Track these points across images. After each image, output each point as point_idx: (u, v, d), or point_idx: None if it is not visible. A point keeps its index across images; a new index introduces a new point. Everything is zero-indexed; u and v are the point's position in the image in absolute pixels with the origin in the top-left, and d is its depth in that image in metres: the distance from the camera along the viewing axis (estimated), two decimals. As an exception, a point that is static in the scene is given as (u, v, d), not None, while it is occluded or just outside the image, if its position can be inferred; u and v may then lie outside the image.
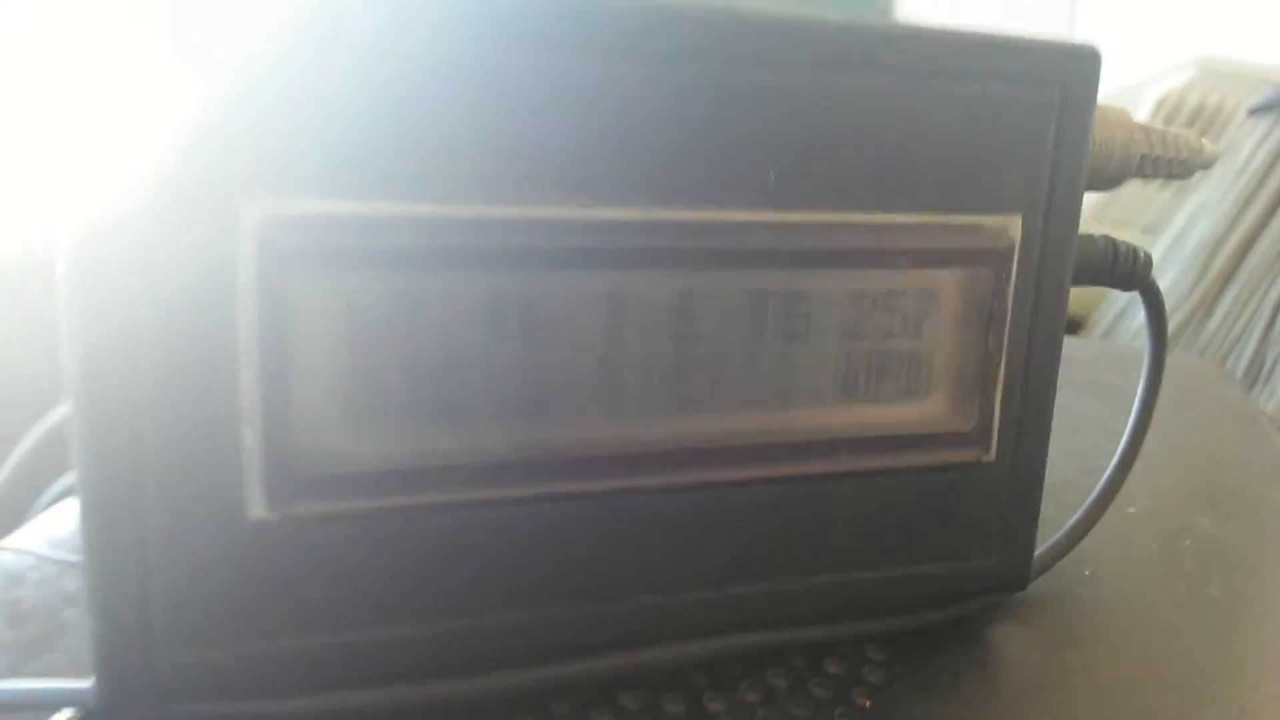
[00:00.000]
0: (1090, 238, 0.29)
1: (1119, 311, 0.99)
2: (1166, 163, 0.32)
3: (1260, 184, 1.01)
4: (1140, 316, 0.97)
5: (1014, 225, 0.26)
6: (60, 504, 0.49)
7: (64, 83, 0.19)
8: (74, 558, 0.42)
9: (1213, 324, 0.96)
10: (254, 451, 0.21)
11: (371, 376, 0.22)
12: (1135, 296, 0.32)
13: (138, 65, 0.19)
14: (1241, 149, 1.05)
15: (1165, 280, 1.02)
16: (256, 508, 0.21)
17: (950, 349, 0.27)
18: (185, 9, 0.19)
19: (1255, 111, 1.06)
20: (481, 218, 0.22)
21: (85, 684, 0.23)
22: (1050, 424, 0.28)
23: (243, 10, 0.20)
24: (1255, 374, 0.90)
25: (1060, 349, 0.28)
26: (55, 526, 0.42)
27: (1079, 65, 0.26)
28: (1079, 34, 0.27)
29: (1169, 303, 0.98)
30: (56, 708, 0.23)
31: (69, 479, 0.51)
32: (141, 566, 0.21)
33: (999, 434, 0.27)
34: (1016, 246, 0.26)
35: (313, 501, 0.22)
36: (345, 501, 0.22)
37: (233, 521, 0.21)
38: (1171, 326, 0.98)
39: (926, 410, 0.27)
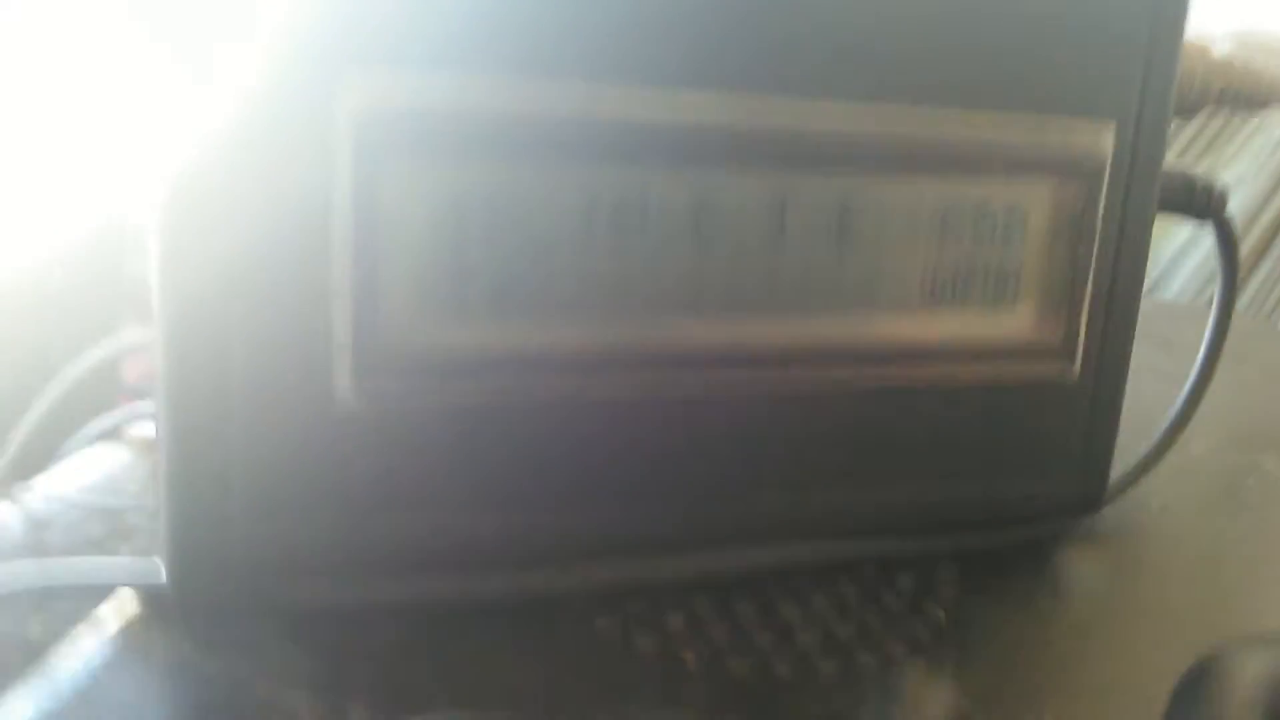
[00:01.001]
0: (1167, 169, 0.29)
1: (1160, 273, 0.98)
2: (1245, 97, 0.31)
3: (1295, 159, 1.01)
4: (1180, 277, 0.96)
5: (1107, 134, 0.26)
6: (86, 450, 0.49)
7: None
8: (100, 502, 0.41)
9: (1246, 298, 0.95)
10: (343, 331, 0.21)
11: (461, 264, 0.21)
12: (1175, 257, 0.32)
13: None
14: (1275, 127, 1.04)
15: (1197, 258, 1.01)
16: (342, 387, 0.21)
17: (1039, 262, 0.26)
18: None
19: (1293, 86, 1.05)
20: (574, 104, 0.21)
21: (154, 563, 0.22)
22: (1132, 346, 0.28)
23: None
24: (1289, 345, 0.90)
25: (1145, 270, 0.28)
26: (82, 473, 0.42)
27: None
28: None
29: (1201, 279, 0.98)
30: (125, 584, 0.23)
31: (94, 426, 0.51)
32: (223, 439, 0.21)
33: (1084, 351, 0.27)
34: (1109, 158, 0.26)
35: (398, 384, 0.21)
36: (429, 386, 0.21)
37: (318, 399, 0.21)
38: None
39: (1013, 322, 0.26)
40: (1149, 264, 0.82)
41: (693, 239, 0.23)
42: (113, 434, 0.50)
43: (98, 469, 0.43)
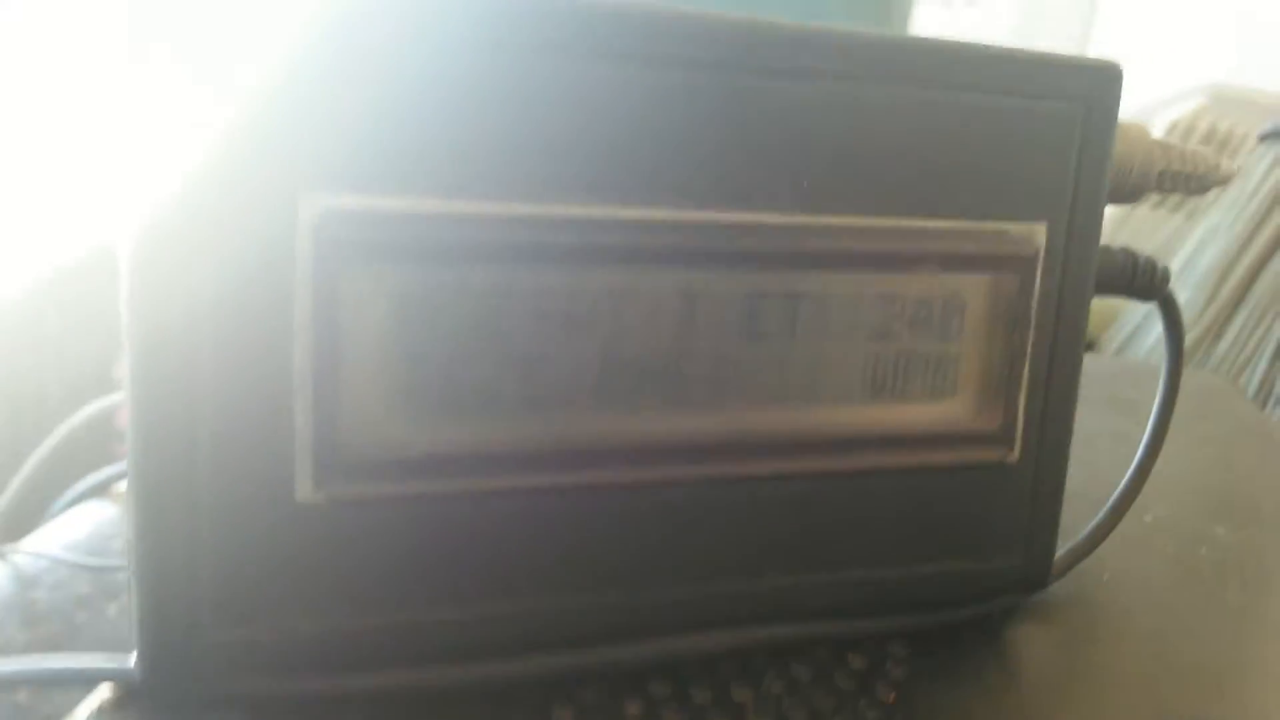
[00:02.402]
0: (1110, 249, 0.30)
1: (1131, 331, 1.00)
2: (1185, 178, 0.32)
3: (1270, 209, 1.02)
4: (1152, 336, 0.97)
5: (1039, 233, 0.27)
6: (75, 508, 0.50)
7: (124, 83, 0.20)
8: (88, 561, 0.42)
9: (1223, 346, 0.96)
10: (304, 434, 0.22)
11: (418, 366, 0.22)
12: (1148, 315, 0.33)
13: (197, 66, 0.20)
14: (1252, 175, 1.06)
15: (1175, 303, 1.02)
16: (304, 489, 0.22)
17: (976, 351, 0.27)
18: (241, 11, 0.20)
19: (1265, 138, 1.07)
20: (525, 216, 0.22)
21: (127, 659, 0.23)
22: (1072, 427, 0.29)
23: (298, 13, 0.20)
24: (1265, 396, 0.91)
25: (1082, 354, 0.29)
26: (70, 530, 0.42)
27: (1101, 81, 0.27)
28: (1092, 56, 0.28)
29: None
30: (97, 683, 0.24)
31: (84, 484, 0.52)
32: (190, 543, 0.22)
33: (1023, 435, 0.28)
34: (1041, 253, 0.27)
35: (358, 484, 0.22)
36: (389, 485, 0.22)
37: (281, 502, 0.22)
38: (1182, 348, 0.98)
39: (953, 410, 0.27)
40: (1121, 321, 0.83)
41: (639, 338, 0.24)
42: (102, 490, 0.51)
43: (86, 526, 0.44)
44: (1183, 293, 1.04)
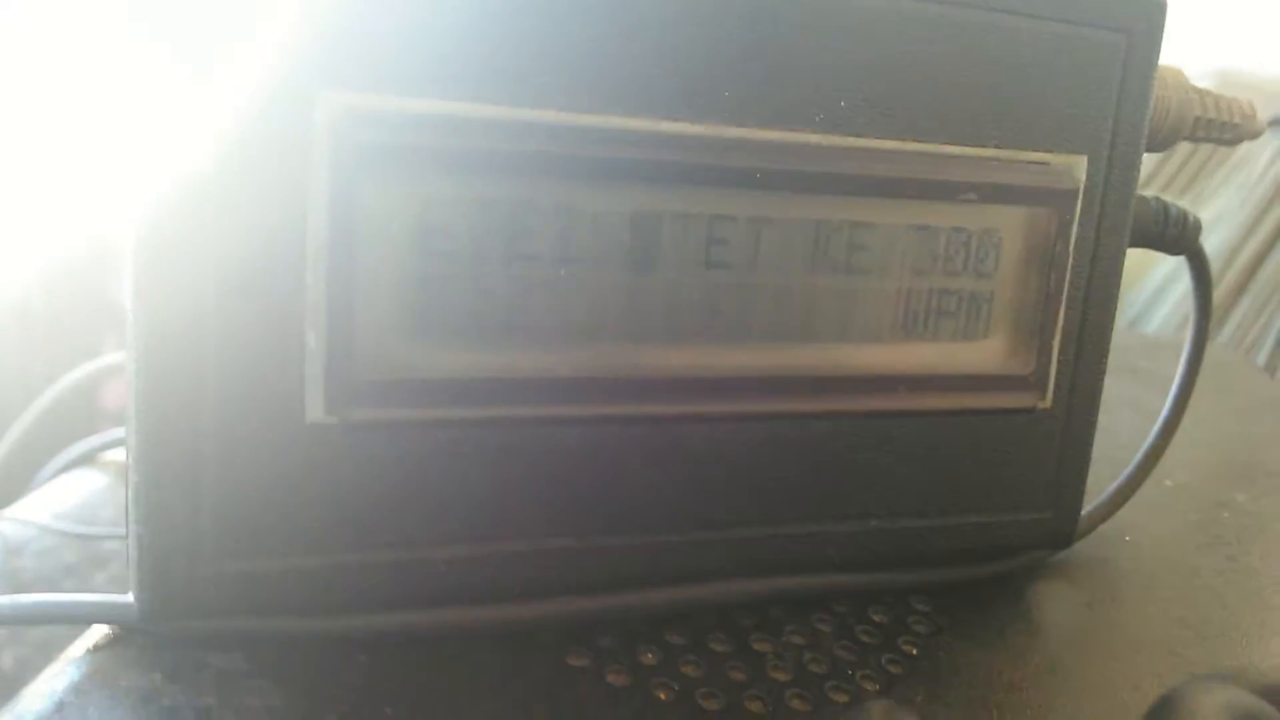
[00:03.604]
0: (1143, 198, 0.29)
1: (1138, 312, 0.99)
2: (1220, 126, 0.32)
3: (1276, 195, 1.02)
4: (1159, 316, 0.96)
5: (1079, 166, 0.26)
6: (62, 477, 0.49)
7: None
8: (74, 529, 0.41)
9: (1227, 331, 0.96)
10: (316, 354, 0.21)
11: (437, 283, 0.21)
12: (1155, 294, 0.32)
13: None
14: (1258, 160, 1.05)
15: (1179, 291, 1.02)
16: (315, 411, 0.21)
17: (1012, 291, 0.26)
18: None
19: (1273, 123, 1.06)
20: (552, 126, 0.21)
21: (124, 598, 0.22)
22: (1104, 376, 0.28)
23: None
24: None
25: (1117, 301, 0.28)
26: (57, 499, 0.41)
27: (1145, 12, 0.26)
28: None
29: (1183, 312, 0.98)
30: (96, 621, 0.23)
31: (70, 452, 0.51)
32: (194, 470, 0.21)
33: (1055, 381, 0.27)
34: (1081, 188, 0.26)
35: (371, 407, 0.21)
36: (404, 409, 0.21)
37: (290, 425, 0.21)
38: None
39: (985, 352, 0.26)
40: (1130, 297, 0.83)
41: (666, 264, 0.23)
42: (88, 460, 0.50)
43: (73, 495, 0.43)
44: (1186, 280, 1.03)
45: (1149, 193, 0.30)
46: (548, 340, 0.22)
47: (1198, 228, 0.31)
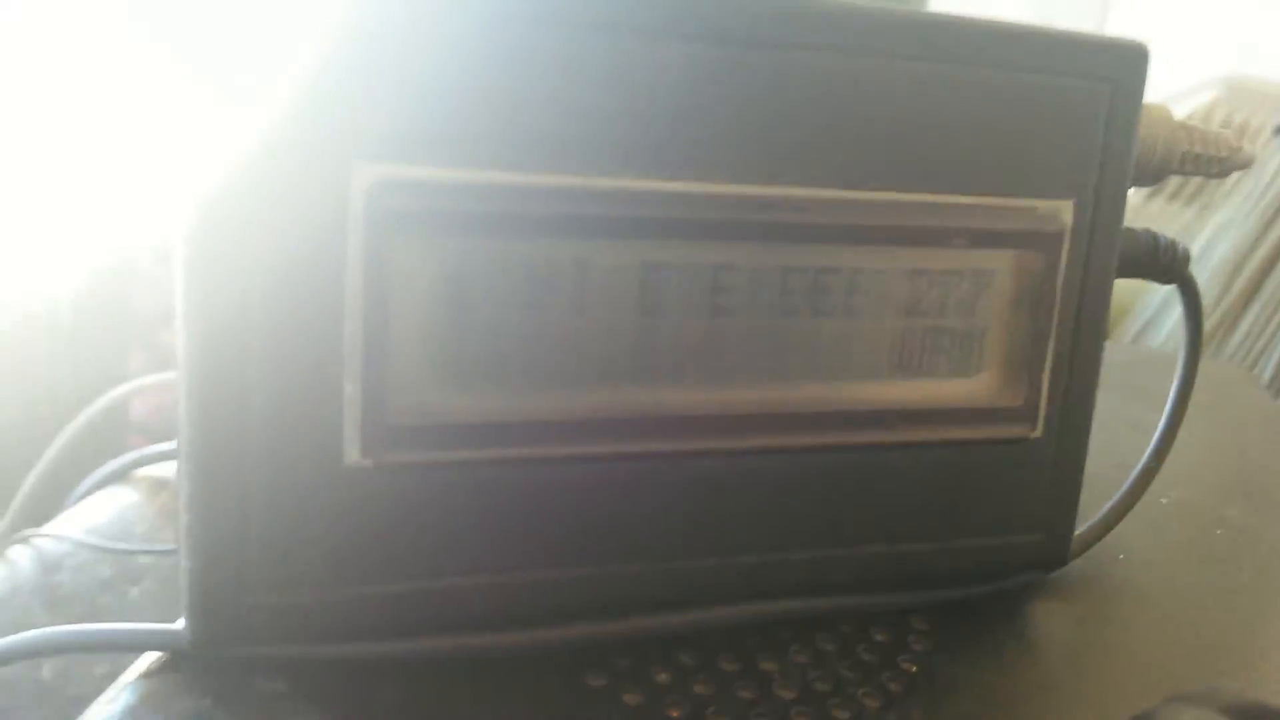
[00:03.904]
0: (1132, 230, 0.30)
1: (1145, 322, 1.00)
2: (1207, 160, 0.33)
3: (1284, 203, 1.02)
4: (1166, 327, 0.97)
5: (1066, 210, 0.27)
6: (96, 494, 0.51)
7: (181, 51, 0.21)
8: (110, 544, 0.43)
9: (1236, 339, 0.96)
10: (353, 401, 0.22)
11: (464, 335, 0.23)
12: (1162, 306, 0.33)
13: (256, 34, 0.21)
14: (1265, 168, 1.06)
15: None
16: (352, 454, 0.23)
17: (1002, 328, 0.28)
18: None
19: (1279, 131, 1.07)
20: (568, 189, 0.23)
21: (176, 625, 0.24)
22: (1093, 406, 0.29)
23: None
24: (1277, 389, 0.91)
25: (1105, 333, 0.29)
26: (92, 515, 0.43)
27: (1129, 61, 0.28)
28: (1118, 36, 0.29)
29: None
30: (147, 649, 0.25)
31: (103, 470, 0.53)
32: (241, 509, 0.22)
33: (1045, 412, 0.28)
34: (1068, 231, 0.27)
35: (404, 451, 0.23)
36: (434, 452, 0.23)
37: (329, 467, 0.23)
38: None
39: (977, 386, 0.28)
40: (1137, 309, 0.83)
41: (674, 311, 0.25)
42: (121, 476, 0.51)
43: (107, 511, 0.44)
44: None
45: (1150, 208, 0.31)
46: (565, 384, 0.24)
47: (1186, 257, 0.32)
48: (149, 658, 0.25)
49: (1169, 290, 1.00)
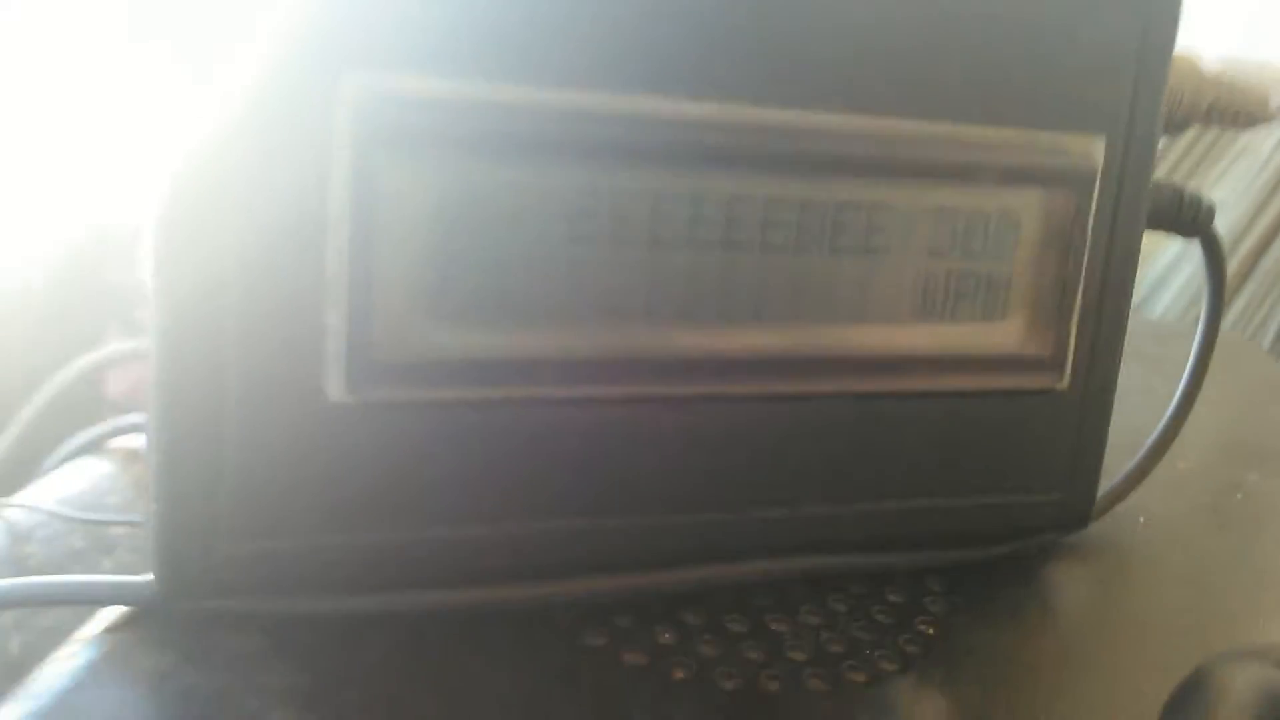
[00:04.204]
0: (1158, 183, 0.29)
1: (1141, 298, 0.99)
2: (1234, 114, 0.31)
3: (1279, 183, 1.01)
4: (1162, 303, 0.96)
5: (1098, 148, 0.26)
6: (69, 464, 0.49)
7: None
8: (82, 515, 0.41)
9: (1230, 318, 0.96)
10: (336, 333, 0.21)
11: (457, 264, 0.21)
12: (1160, 279, 0.32)
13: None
14: (1261, 149, 1.05)
15: (1184, 276, 1.02)
16: (335, 390, 0.21)
17: (1030, 273, 0.26)
18: None
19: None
20: (573, 108, 0.21)
21: (142, 578, 0.22)
22: (1120, 358, 0.28)
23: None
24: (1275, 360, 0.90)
25: (1134, 283, 0.28)
26: (64, 486, 0.41)
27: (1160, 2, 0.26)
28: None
29: (1188, 297, 0.98)
30: (111, 602, 0.23)
31: (76, 440, 0.51)
32: (214, 449, 0.21)
33: (1072, 363, 0.27)
34: (1099, 170, 0.26)
35: (392, 388, 0.21)
36: (424, 390, 0.21)
37: (310, 403, 0.21)
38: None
39: (1003, 334, 0.26)
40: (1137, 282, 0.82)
41: (685, 245, 0.23)
42: (95, 447, 0.50)
43: (80, 482, 0.43)
44: (1190, 264, 1.03)
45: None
46: (566, 320, 0.22)
47: (1211, 211, 0.31)
48: (114, 612, 0.23)
49: (1164, 266, 0.99)
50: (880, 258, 0.25)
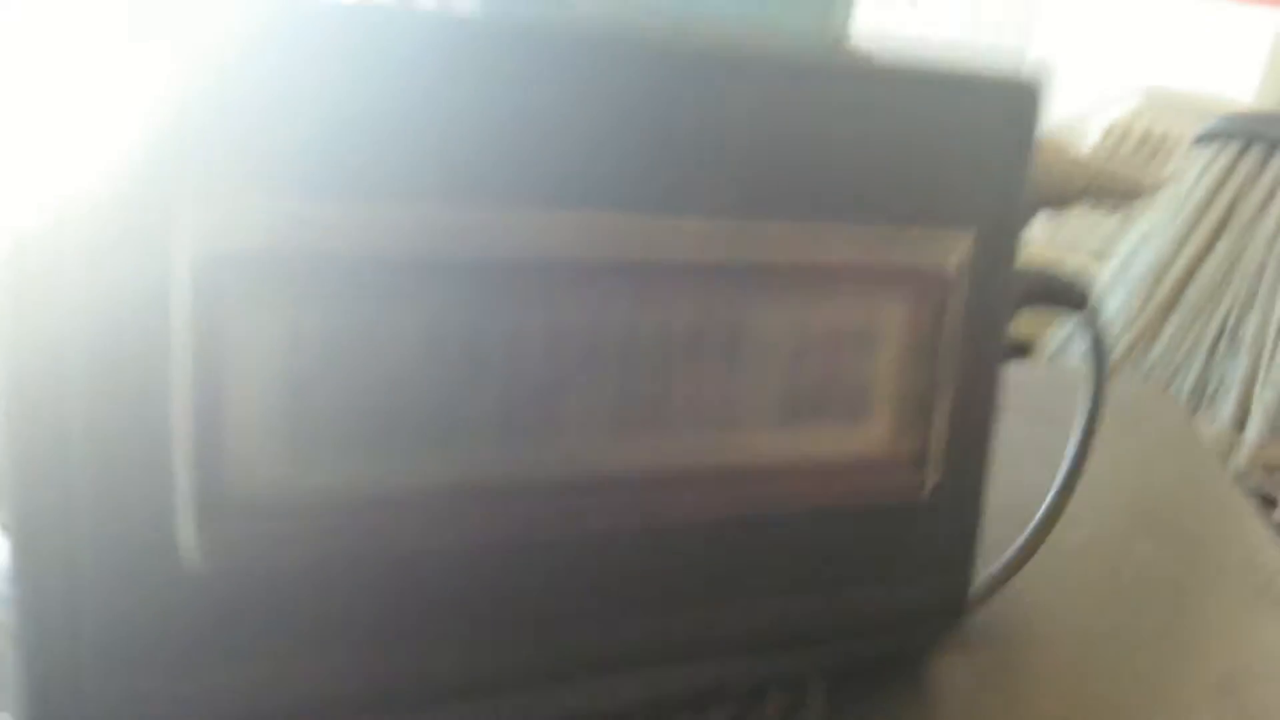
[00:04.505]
0: (1027, 270, 0.30)
1: (1068, 335, 1.01)
2: (1107, 194, 0.32)
3: (1203, 213, 1.04)
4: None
5: (964, 243, 0.26)
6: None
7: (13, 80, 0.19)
8: (4, 589, 0.41)
9: (1158, 349, 0.97)
10: (185, 479, 0.21)
11: (304, 405, 0.21)
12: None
13: (84, 68, 0.19)
14: (1185, 178, 1.08)
15: (1111, 305, 1.04)
16: (187, 538, 0.21)
17: (893, 375, 0.27)
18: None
19: (1200, 141, 1.09)
20: (414, 245, 0.21)
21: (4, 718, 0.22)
22: (990, 453, 0.29)
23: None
24: (1198, 398, 0.92)
25: (1000, 378, 0.28)
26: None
27: (1021, 97, 0.27)
28: (1032, 61, 0.28)
29: (1116, 327, 1.00)
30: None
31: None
32: (72, 599, 0.21)
33: (941, 462, 0.27)
34: (966, 265, 0.26)
35: (243, 532, 0.21)
36: (274, 533, 0.21)
37: (164, 551, 0.21)
38: (1117, 351, 1.00)
39: (868, 437, 0.27)
40: (1056, 326, 0.84)
41: (545, 363, 0.23)
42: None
43: (4, 556, 0.42)
44: (1117, 295, 1.05)
45: (1070, 217, 0.30)
46: (419, 455, 0.22)
47: (1087, 289, 0.31)
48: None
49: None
50: (744, 367, 0.25)
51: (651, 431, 0.25)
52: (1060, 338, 1.00)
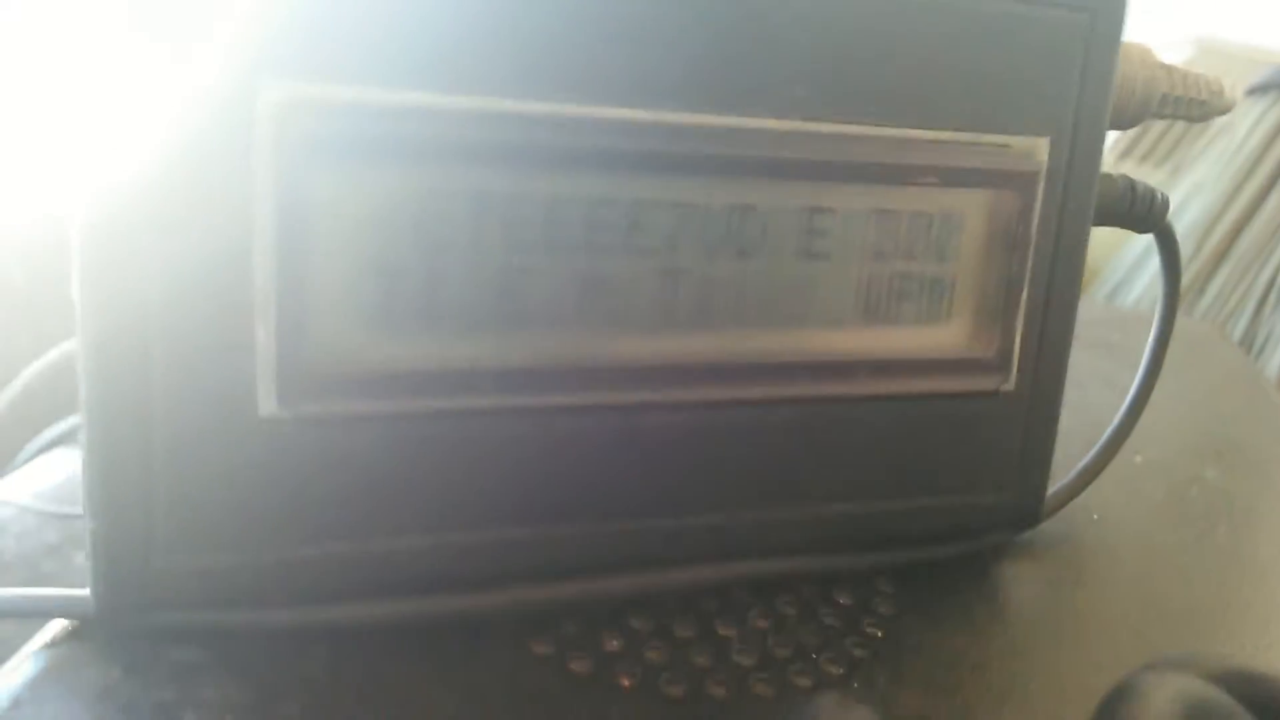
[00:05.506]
0: (1109, 176, 0.29)
1: (1116, 285, 0.99)
2: (1187, 103, 0.31)
3: (1256, 164, 1.02)
4: (1136, 291, 0.96)
5: (1041, 148, 0.26)
6: (43, 456, 0.48)
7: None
8: (56, 509, 0.41)
9: (1206, 300, 0.96)
10: (266, 347, 0.20)
11: (389, 275, 0.21)
12: (1133, 267, 0.32)
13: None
14: (1238, 129, 1.05)
15: (1156, 264, 1.02)
16: (267, 406, 0.21)
17: (974, 274, 0.26)
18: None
19: (1252, 92, 1.06)
20: (508, 113, 0.21)
21: (82, 591, 0.22)
22: (1068, 357, 0.28)
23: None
24: (1249, 348, 0.91)
25: (1081, 281, 0.28)
26: (39, 478, 0.41)
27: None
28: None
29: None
30: (53, 616, 0.23)
31: (52, 431, 0.50)
32: (145, 466, 0.20)
33: (1018, 363, 0.27)
34: (1044, 170, 0.26)
35: (325, 401, 0.21)
36: (358, 403, 0.21)
37: (242, 420, 0.21)
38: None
39: (947, 336, 0.26)
40: (1109, 269, 0.82)
41: (625, 251, 0.23)
42: (70, 439, 0.49)
43: (54, 475, 0.42)
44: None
45: (1121, 168, 0.30)
46: (502, 329, 0.22)
47: (1165, 205, 0.31)
48: (55, 626, 0.23)
49: (1140, 252, 0.99)
50: (822, 262, 0.24)
51: (732, 322, 0.24)
52: (1111, 285, 0.99)
